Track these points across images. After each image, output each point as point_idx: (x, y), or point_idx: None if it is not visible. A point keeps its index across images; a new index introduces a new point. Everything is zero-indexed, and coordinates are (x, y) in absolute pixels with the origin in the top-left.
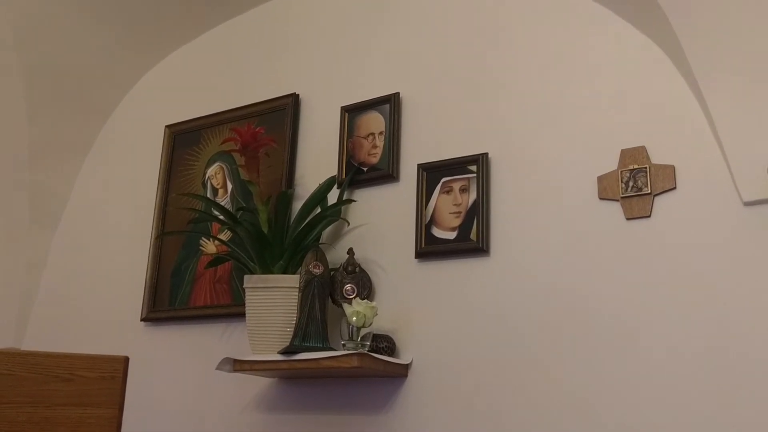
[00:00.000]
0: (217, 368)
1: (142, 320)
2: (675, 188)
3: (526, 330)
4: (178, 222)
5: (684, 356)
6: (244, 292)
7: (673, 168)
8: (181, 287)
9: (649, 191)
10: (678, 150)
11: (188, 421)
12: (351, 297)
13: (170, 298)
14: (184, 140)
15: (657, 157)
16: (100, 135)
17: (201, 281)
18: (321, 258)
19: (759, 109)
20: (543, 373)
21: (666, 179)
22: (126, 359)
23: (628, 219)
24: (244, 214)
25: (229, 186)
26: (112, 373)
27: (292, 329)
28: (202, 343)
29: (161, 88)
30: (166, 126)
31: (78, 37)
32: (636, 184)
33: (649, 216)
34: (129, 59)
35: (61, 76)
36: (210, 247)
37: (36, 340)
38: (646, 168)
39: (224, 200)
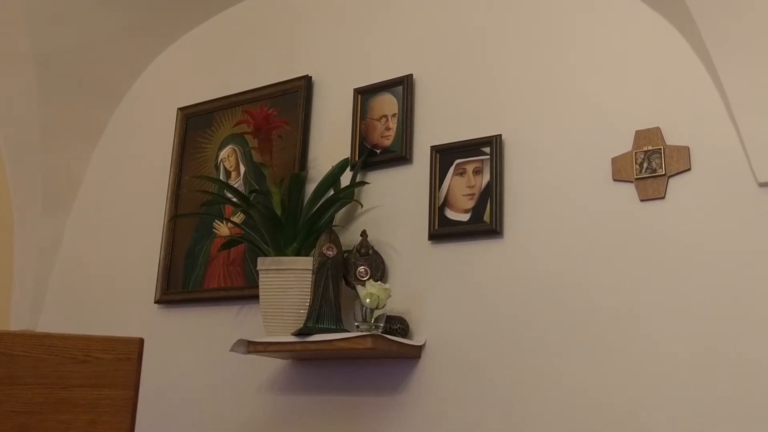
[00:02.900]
0: (231, 350)
1: (155, 303)
2: (689, 169)
3: (539, 312)
4: (191, 204)
5: (697, 338)
6: (258, 275)
7: (687, 149)
8: (195, 270)
9: (664, 172)
10: (693, 131)
11: (202, 402)
12: (364, 279)
13: (184, 280)
14: (196, 123)
15: (672, 138)
16: (112, 118)
17: (214, 263)
18: (334, 240)
19: None
20: (555, 355)
21: (680, 160)
22: (141, 341)
23: (642, 200)
24: (257, 197)
25: (242, 168)
26: (128, 355)
27: (306, 311)
28: (216, 325)
29: (173, 71)
30: (179, 108)
31: (90, 19)
32: (650, 166)
33: (664, 197)
34: (141, 42)
35: (73, 60)
36: (223, 229)
37: (50, 323)
38: (660, 149)
39: (237, 183)
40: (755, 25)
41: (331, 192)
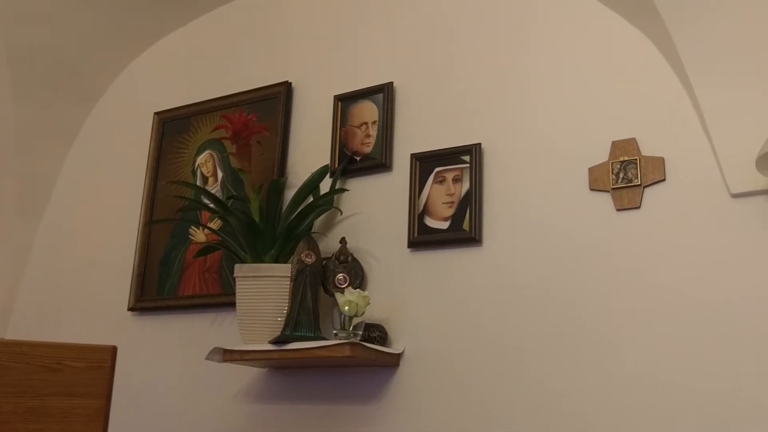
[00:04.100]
0: (206, 358)
1: (129, 310)
2: (664, 180)
3: (518, 319)
4: (167, 210)
5: (672, 344)
6: (235, 282)
7: (662, 160)
8: (170, 276)
9: (639, 183)
10: (668, 142)
11: (177, 412)
12: (343, 286)
13: (158, 287)
14: (173, 127)
15: (647, 149)
16: (87, 121)
17: (190, 270)
18: (313, 247)
19: (747, 103)
20: (534, 362)
21: (656, 171)
22: (114, 349)
23: (618, 210)
24: (235, 203)
25: (220, 174)
26: (100, 363)
27: (284, 319)
28: (191, 333)
29: (151, 74)
30: (155, 113)
31: (66, 21)
32: (626, 176)
33: (639, 207)
34: (118, 44)
35: (49, 61)
36: (199, 235)
37: (21, 330)
38: (636, 160)
39: (214, 188)
40: (729, 41)
41: (311, 199)
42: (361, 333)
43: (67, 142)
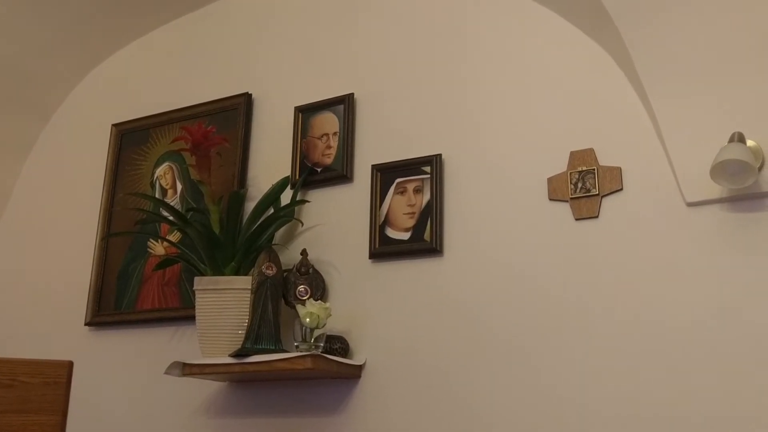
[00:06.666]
0: (165, 372)
1: (86, 325)
2: (621, 189)
3: (479, 330)
4: (125, 223)
5: (629, 349)
6: (194, 295)
7: (619, 170)
8: (128, 290)
9: (597, 192)
10: (625, 152)
11: (136, 428)
12: (304, 298)
13: (116, 301)
14: (131, 139)
15: (604, 159)
16: (43, 133)
17: (149, 284)
18: (274, 259)
19: (702, 114)
20: (494, 372)
21: (613, 181)
22: (70, 364)
23: (577, 219)
24: (195, 215)
25: (179, 186)
26: (56, 379)
27: (244, 332)
28: (150, 348)
29: (108, 86)
30: (113, 125)
31: (22, 31)
32: (584, 186)
33: (597, 216)
34: (75, 55)
35: (4, 71)
36: (158, 248)
37: None
38: (594, 170)
39: (174, 201)
40: (684, 54)
41: (271, 210)
42: (322, 345)
43: (22, 154)
